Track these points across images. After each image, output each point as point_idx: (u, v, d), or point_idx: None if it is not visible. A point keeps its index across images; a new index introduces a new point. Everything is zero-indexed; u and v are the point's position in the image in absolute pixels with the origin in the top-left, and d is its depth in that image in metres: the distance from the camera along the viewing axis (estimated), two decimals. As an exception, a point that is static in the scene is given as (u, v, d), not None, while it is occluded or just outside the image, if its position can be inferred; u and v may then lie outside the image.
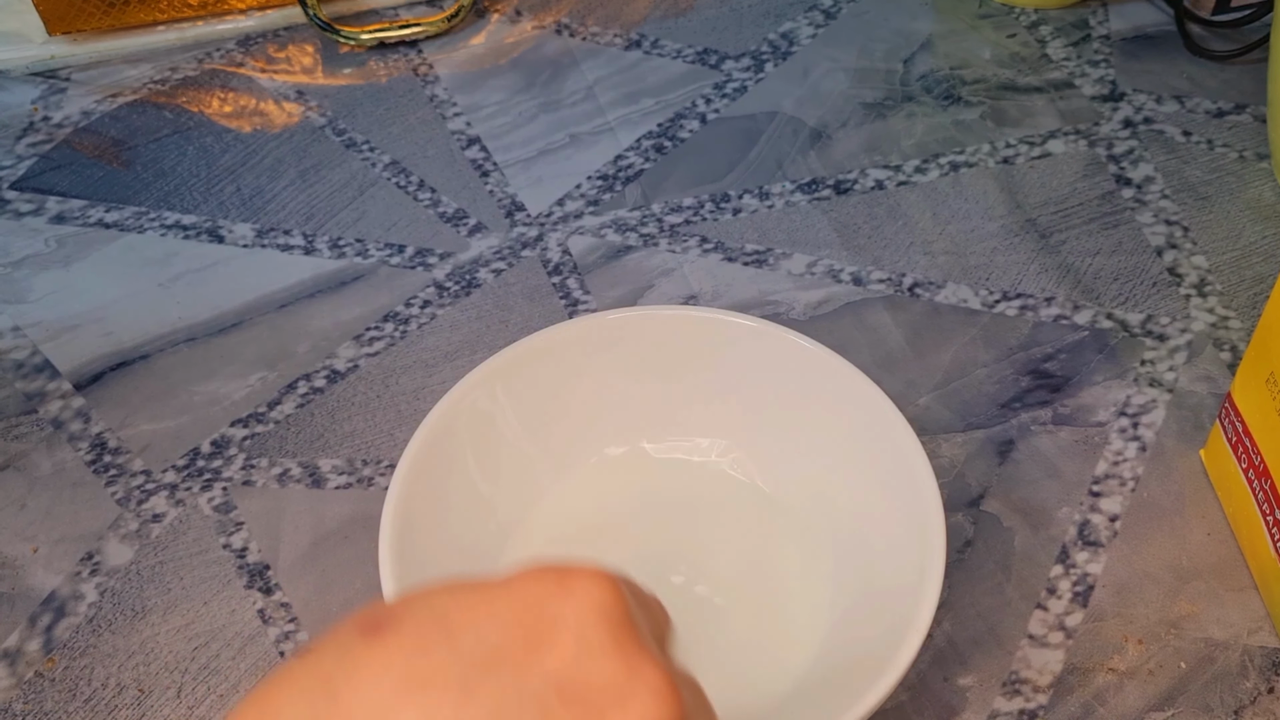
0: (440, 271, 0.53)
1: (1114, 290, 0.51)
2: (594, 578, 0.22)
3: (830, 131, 0.59)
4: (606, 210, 0.55)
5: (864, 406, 0.40)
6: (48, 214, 0.56)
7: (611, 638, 0.22)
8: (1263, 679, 0.40)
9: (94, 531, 0.44)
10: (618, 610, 0.22)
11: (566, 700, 0.21)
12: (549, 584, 0.22)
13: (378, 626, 0.21)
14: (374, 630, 0.21)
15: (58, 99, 0.61)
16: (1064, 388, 0.48)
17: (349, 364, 0.49)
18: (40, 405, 0.48)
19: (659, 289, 0.52)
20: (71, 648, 0.41)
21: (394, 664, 0.20)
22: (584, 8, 0.66)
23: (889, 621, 0.36)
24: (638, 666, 0.21)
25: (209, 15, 0.64)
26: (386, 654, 0.21)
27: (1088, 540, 0.43)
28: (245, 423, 0.47)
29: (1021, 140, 0.58)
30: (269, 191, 0.56)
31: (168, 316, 0.51)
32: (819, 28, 0.65)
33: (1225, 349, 0.49)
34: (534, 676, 0.21)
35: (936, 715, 0.39)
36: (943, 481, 0.45)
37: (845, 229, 0.54)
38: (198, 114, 0.60)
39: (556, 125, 0.59)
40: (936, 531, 0.36)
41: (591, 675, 0.21)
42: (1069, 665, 0.40)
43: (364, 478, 0.46)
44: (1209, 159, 0.57)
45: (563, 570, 0.22)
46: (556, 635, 0.21)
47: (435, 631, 0.21)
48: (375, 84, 0.62)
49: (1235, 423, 0.42)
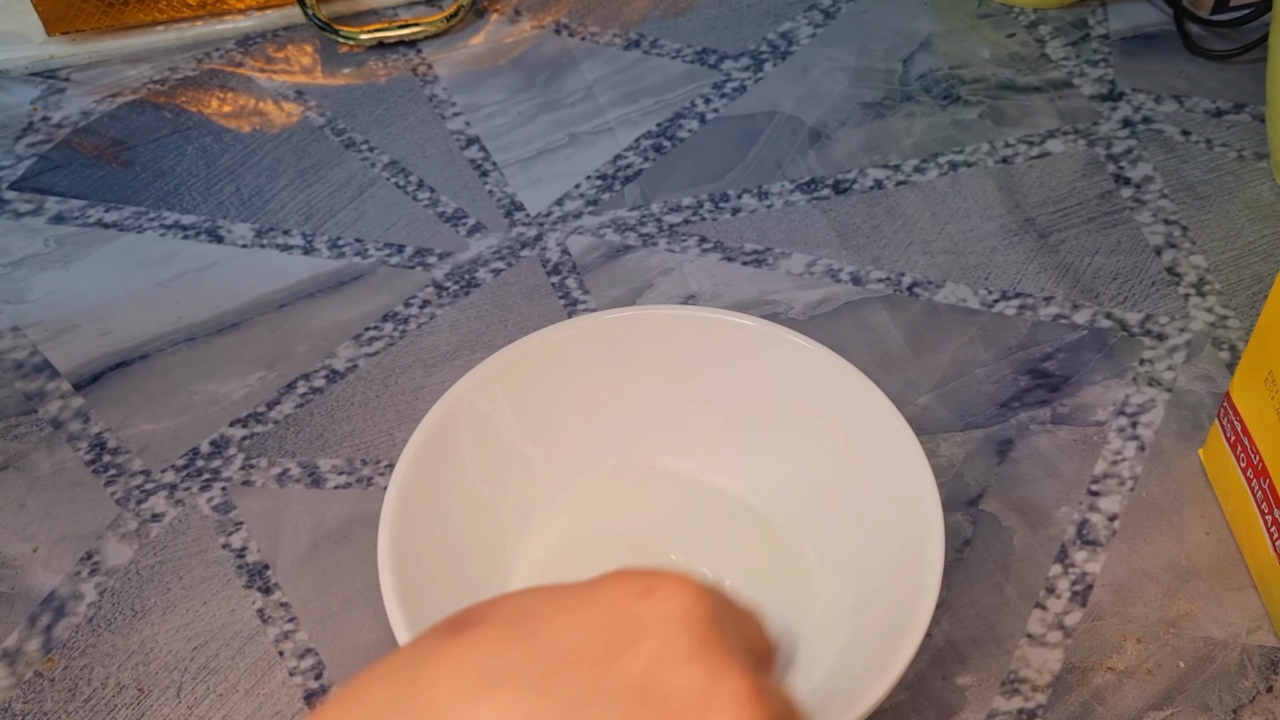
0: (439, 271, 0.53)
1: (1113, 290, 0.51)
2: (681, 584, 0.22)
3: (829, 131, 0.59)
4: (606, 210, 0.55)
5: (863, 406, 0.40)
6: (47, 214, 0.56)
7: (697, 644, 0.21)
8: (1261, 678, 0.40)
9: (93, 531, 0.44)
10: (704, 618, 0.22)
11: (645, 703, 0.20)
12: (635, 588, 0.22)
13: (463, 625, 0.21)
14: (459, 628, 0.21)
15: (57, 99, 0.61)
16: (1063, 387, 0.48)
17: (348, 364, 0.49)
18: (40, 405, 0.48)
19: (658, 289, 0.52)
20: (71, 647, 0.41)
21: (474, 659, 0.21)
22: (583, 7, 0.66)
23: (888, 621, 0.36)
24: (721, 675, 0.21)
25: (208, 15, 0.64)
26: (468, 649, 0.21)
27: (1086, 539, 0.43)
28: (244, 422, 0.47)
29: (1020, 140, 0.58)
30: (268, 191, 0.56)
31: (167, 316, 0.51)
32: (818, 27, 0.65)
33: (1224, 348, 0.49)
34: (613, 678, 0.20)
35: (935, 714, 0.39)
36: (941, 481, 0.45)
37: (844, 228, 0.54)
38: (197, 114, 0.60)
39: (556, 125, 0.59)
40: (935, 531, 0.36)
41: (672, 681, 0.21)
42: (1068, 664, 0.40)
43: (363, 477, 0.46)
44: (1208, 158, 0.57)
45: (650, 575, 0.22)
46: (639, 639, 0.21)
47: (517, 630, 0.21)
48: (374, 84, 0.62)
49: (1234, 422, 0.42)
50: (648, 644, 0.21)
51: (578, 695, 0.20)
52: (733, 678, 0.21)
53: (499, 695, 0.20)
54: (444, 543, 0.38)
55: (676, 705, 0.20)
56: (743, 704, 0.21)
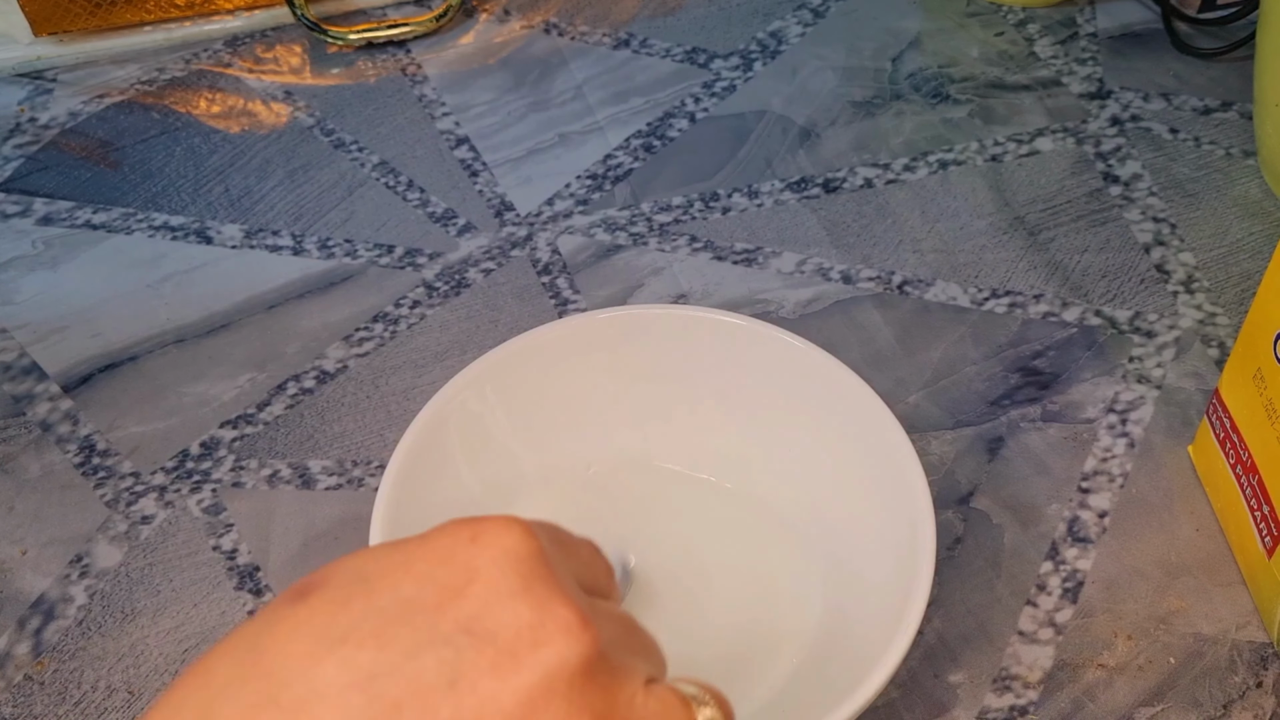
0: (429, 271, 0.53)
1: (1102, 287, 0.52)
2: (506, 525, 0.23)
3: (819, 130, 0.59)
4: (596, 209, 0.55)
5: (854, 404, 0.40)
6: (35, 215, 0.55)
7: (521, 581, 0.22)
8: (1251, 673, 0.40)
9: (83, 534, 0.44)
10: (529, 554, 0.23)
11: (477, 642, 0.21)
12: (462, 535, 0.23)
13: (304, 592, 0.22)
14: (300, 595, 0.22)
15: (44, 100, 0.61)
16: (1053, 385, 0.48)
17: (338, 365, 0.49)
18: (28, 407, 0.48)
19: (649, 288, 0.52)
20: (61, 651, 0.41)
21: (313, 622, 0.22)
22: (572, 7, 0.66)
23: (879, 619, 0.36)
24: (549, 606, 0.22)
25: (196, 16, 0.64)
26: (308, 613, 0.22)
27: (1077, 537, 0.43)
28: (234, 424, 0.47)
29: (1010, 138, 0.58)
30: (257, 192, 0.56)
31: (156, 318, 0.51)
32: (807, 26, 0.65)
33: (1213, 345, 0.49)
34: (446, 623, 0.21)
35: (927, 712, 0.39)
36: (932, 479, 0.45)
37: (834, 227, 0.54)
38: (185, 115, 0.60)
39: (545, 125, 0.59)
40: (926, 529, 0.36)
41: (502, 618, 0.22)
42: (1059, 661, 0.40)
43: (354, 478, 0.45)
44: (1196, 156, 0.57)
45: (474, 521, 0.23)
46: (468, 584, 0.22)
47: (354, 590, 0.22)
48: (363, 84, 0.62)
49: (1223, 419, 0.42)
50: (476, 587, 0.22)
51: (413, 643, 0.21)
52: (559, 607, 0.22)
53: (339, 653, 0.21)
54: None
55: (508, 639, 0.21)
56: (570, 629, 0.22)
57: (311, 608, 0.22)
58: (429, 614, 0.22)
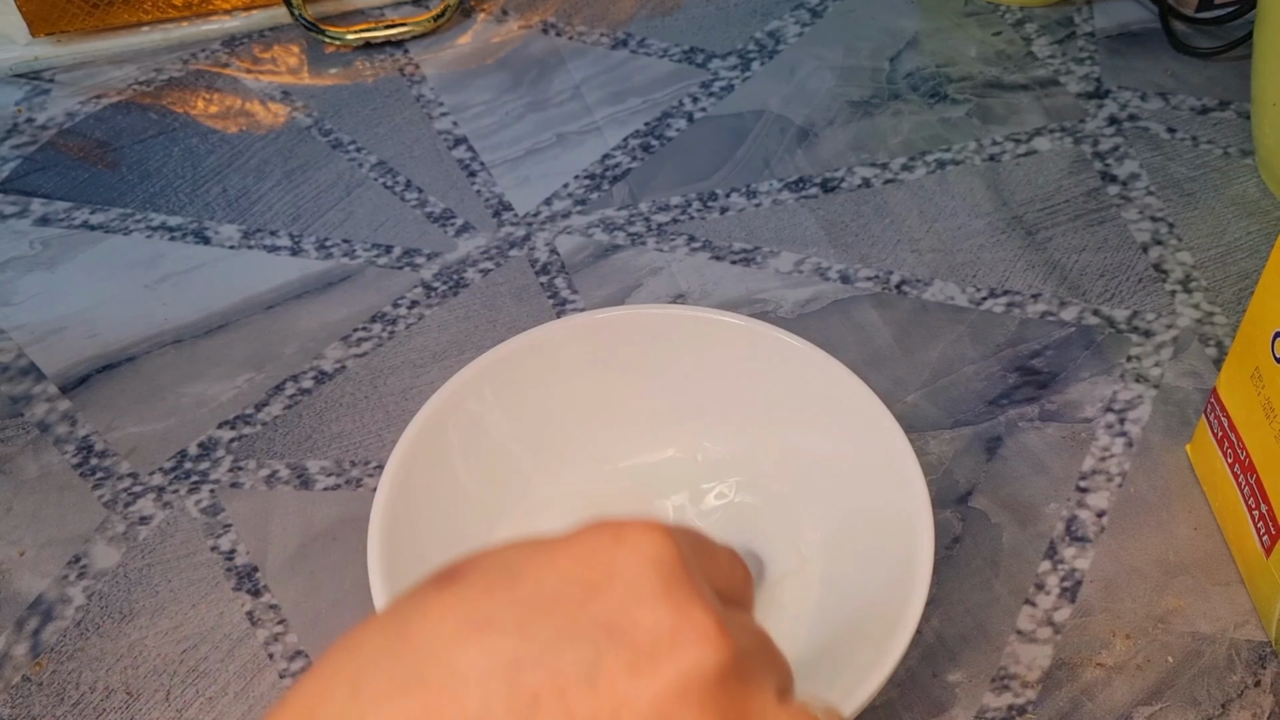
0: (428, 272, 0.53)
1: (1100, 286, 0.52)
2: (648, 530, 0.23)
3: (817, 130, 0.59)
4: (594, 209, 0.55)
5: (852, 404, 0.40)
6: (32, 216, 0.55)
7: (662, 585, 0.22)
8: (1249, 672, 0.40)
9: (81, 534, 0.44)
10: (670, 559, 0.23)
11: (615, 640, 0.22)
12: (606, 537, 0.23)
13: (450, 578, 0.23)
14: (447, 581, 0.23)
15: (42, 100, 0.61)
16: (1051, 384, 0.48)
17: (336, 365, 0.49)
18: (26, 408, 0.48)
19: (647, 288, 0.52)
20: (59, 651, 0.41)
21: (460, 607, 0.22)
22: (570, 7, 0.66)
23: (877, 618, 0.36)
24: (687, 612, 0.22)
25: (194, 16, 0.64)
26: (454, 598, 0.22)
27: (1075, 536, 0.43)
28: (233, 424, 0.47)
29: (1007, 138, 0.58)
30: (255, 192, 0.56)
31: (154, 318, 0.51)
32: (805, 26, 0.65)
33: (1211, 344, 0.49)
34: (587, 619, 0.22)
35: (925, 711, 0.39)
36: (931, 478, 0.45)
37: (832, 227, 0.54)
38: (183, 115, 0.60)
39: (543, 125, 0.59)
40: (925, 528, 0.36)
41: (641, 620, 0.22)
42: (1057, 660, 0.40)
43: (352, 479, 0.45)
44: (1194, 155, 0.57)
45: (619, 524, 0.23)
46: (610, 583, 0.22)
47: (498, 581, 0.23)
48: (361, 84, 0.62)
49: (1221, 418, 0.42)
50: (617, 587, 0.22)
51: (553, 635, 0.22)
52: (696, 613, 0.22)
53: (482, 637, 0.22)
54: (433, 543, 0.38)
55: (646, 641, 0.22)
56: (707, 636, 0.22)
57: (457, 593, 0.22)
58: (571, 608, 0.22)
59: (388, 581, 0.35)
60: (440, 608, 0.22)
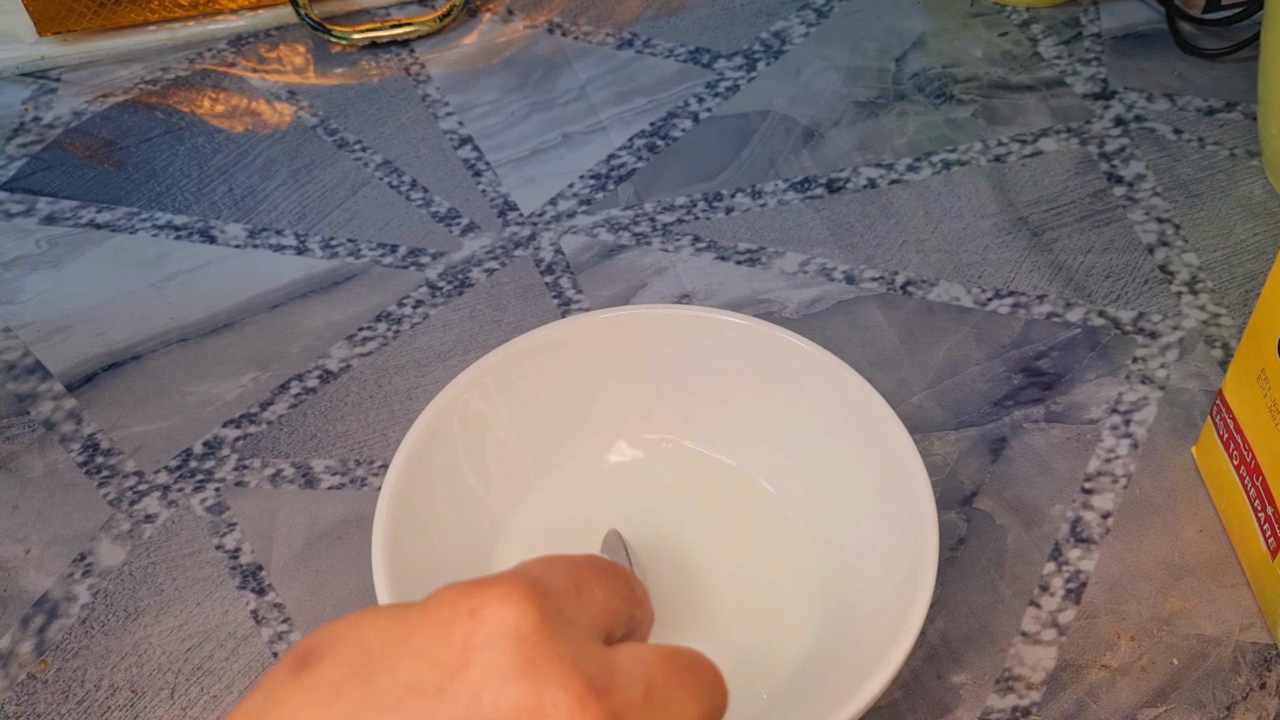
0: (433, 271, 0.53)
1: (1106, 288, 0.52)
2: (504, 599, 0.22)
3: (823, 130, 0.59)
4: (599, 209, 0.55)
5: (857, 405, 0.40)
6: (39, 215, 0.55)
7: (522, 662, 0.22)
8: (1254, 675, 0.40)
9: (86, 533, 0.44)
10: (531, 629, 0.22)
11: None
12: (461, 609, 0.22)
13: (305, 663, 0.22)
14: (300, 667, 0.22)
15: (48, 99, 0.61)
16: (1056, 385, 0.48)
17: (341, 364, 0.49)
18: (32, 406, 0.48)
19: (652, 288, 0.52)
20: (64, 649, 0.41)
21: (312, 706, 0.22)
22: (576, 7, 0.66)
23: (882, 619, 0.36)
24: (548, 689, 0.21)
25: (200, 15, 0.64)
26: (307, 693, 0.22)
27: (1080, 537, 0.43)
28: (238, 423, 0.47)
29: (1013, 138, 0.58)
30: (261, 192, 0.56)
31: (160, 317, 0.51)
32: (811, 26, 0.65)
33: (1217, 346, 0.49)
34: (444, 711, 0.21)
35: (930, 712, 0.39)
36: (935, 479, 0.45)
37: (838, 227, 0.54)
38: (189, 114, 0.60)
39: (549, 124, 0.59)
40: (929, 529, 0.36)
41: (500, 703, 0.21)
42: (1062, 662, 0.40)
43: (357, 478, 0.46)
44: (1200, 157, 0.57)
45: (475, 591, 0.23)
46: (466, 666, 0.22)
47: (354, 671, 0.22)
48: (367, 84, 0.62)
49: (1226, 420, 0.42)
50: (473, 671, 0.22)
51: None
52: (558, 690, 0.21)
53: None
54: (438, 543, 0.38)
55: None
56: (572, 713, 0.21)
57: (311, 687, 0.22)
58: (426, 700, 0.21)
59: (392, 581, 0.35)
60: (293, 704, 0.22)
